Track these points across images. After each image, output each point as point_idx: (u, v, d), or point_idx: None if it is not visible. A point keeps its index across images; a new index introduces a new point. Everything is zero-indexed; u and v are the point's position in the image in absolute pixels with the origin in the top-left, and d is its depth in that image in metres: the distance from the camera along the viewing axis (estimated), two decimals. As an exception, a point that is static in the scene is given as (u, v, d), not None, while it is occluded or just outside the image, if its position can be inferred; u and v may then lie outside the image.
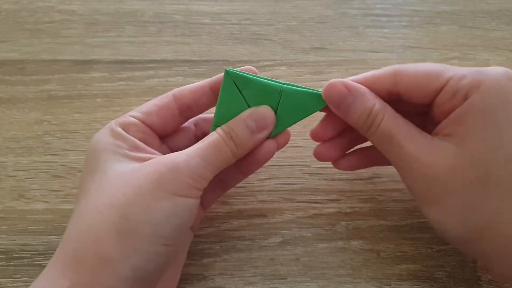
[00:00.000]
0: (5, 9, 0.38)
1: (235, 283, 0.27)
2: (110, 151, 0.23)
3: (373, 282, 0.27)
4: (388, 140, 0.23)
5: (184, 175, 0.21)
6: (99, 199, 0.21)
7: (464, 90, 0.21)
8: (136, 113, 0.25)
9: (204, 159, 0.22)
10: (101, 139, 0.23)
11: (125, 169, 0.22)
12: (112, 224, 0.20)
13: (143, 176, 0.21)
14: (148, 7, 0.38)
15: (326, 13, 0.38)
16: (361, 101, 0.23)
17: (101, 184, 0.22)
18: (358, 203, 0.30)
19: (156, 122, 0.25)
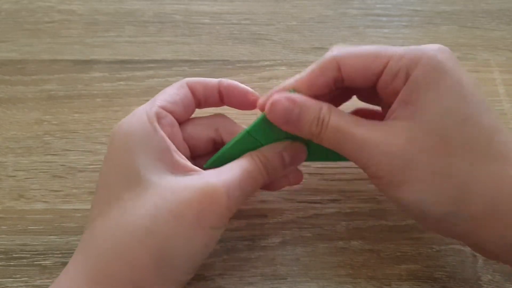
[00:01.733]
0: (5, 9, 0.38)
1: (235, 283, 0.27)
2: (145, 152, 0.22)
3: (373, 282, 0.27)
4: (340, 134, 0.22)
5: (224, 208, 0.21)
6: (137, 218, 0.20)
7: (404, 69, 0.22)
8: (164, 102, 0.24)
9: (242, 191, 0.22)
10: (135, 133, 0.22)
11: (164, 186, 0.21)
12: (151, 254, 0.20)
13: (185, 204, 0.21)
14: (148, 7, 0.38)
15: (326, 13, 0.38)
16: (308, 108, 0.23)
17: (138, 198, 0.21)
18: (358, 203, 0.30)
19: (181, 113, 0.25)
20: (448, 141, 0.21)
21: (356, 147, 0.22)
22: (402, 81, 0.22)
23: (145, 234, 0.20)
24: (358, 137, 0.22)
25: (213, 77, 0.26)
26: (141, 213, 0.21)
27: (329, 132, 0.23)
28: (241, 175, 0.22)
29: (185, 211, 0.21)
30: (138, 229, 0.20)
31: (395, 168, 0.21)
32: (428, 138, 0.21)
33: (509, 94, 0.34)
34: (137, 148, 0.22)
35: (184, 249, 0.21)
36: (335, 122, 0.22)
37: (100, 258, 0.21)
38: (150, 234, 0.20)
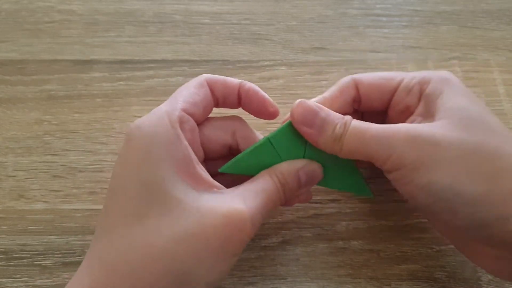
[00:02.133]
0: (5, 9, 0.38)
1: (235, 283, 0.27)
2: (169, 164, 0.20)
3: (373, 282, 0.27)
4: (362, 132, 0.22)
5: (247, 236, 0.21)
6: (162, 241, 0.19)
7: (418, 86, 0.25)
8: (185, 104, 0.22)
9: (264, 216, 0.22)
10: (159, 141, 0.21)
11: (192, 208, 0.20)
12: (169, 278, 0.19)
13: (211, 230, 0.20)
14: (148, 7, 0.38)
15: (326, 13, 0.38)
16: (333, 114, 0.23)
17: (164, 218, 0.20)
18: (358, 203, 0.30)
19: (201, 115, 0.24)
20: (471, 128, 0.22)
21: (379, 138, 0.22)
22: (416, 96, 0.25)
23: (166, 257, 0.19)
24: (381, 129, 0.22)
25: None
26: (165, 234, 0.20)
27: (351, 132, 0.23)
28: (265, 201, 0.22)
29: (210, 236, 0.20)
30: (161, 251, 0.19)
31: (421, 152, 0.21)
32: (452, 126, 0.22)
33: (509, 94, 0.34)
34: (159, 157, 0.20)
35: (205, 275, 0.20)
36: (357, 124, 0.23)
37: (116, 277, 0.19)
38: (172, 257, 0.19)
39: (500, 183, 0.20)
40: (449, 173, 0.21)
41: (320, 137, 0.23)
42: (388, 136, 0.22)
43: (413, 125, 0.22)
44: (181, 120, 0.22)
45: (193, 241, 0.20)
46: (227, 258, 0.21)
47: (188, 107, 0.22)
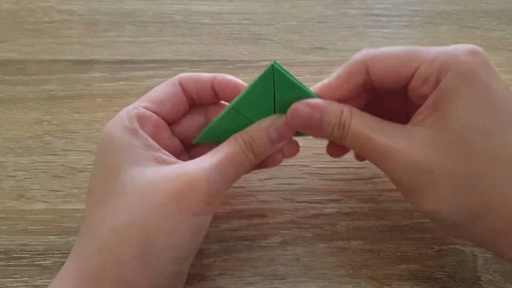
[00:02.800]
0: (5, 9, 0.38)
1: (235, 283, 0.27)
2: (125, 151, 0.22)
3: (373, 282, 0.27)
4: (361, 139, 0.22)
5: (204, 194, 0.21)
6: (119, 215, 0.21)
7: (435, 74, 0.21)
8: (148, 103, 0.24)
9: (223, 175, 0.22)
10: (116, 134, 0.22)
11: (143, 181, 0.21)
12: (133, 248, 0.20)
13: (164, 194, 0.21)
14: (148, 7, 0.38)
15: (326, 13, 0.38)
16: (329, 113, 0.23)
17: (119, 196, 0.21)
18: (358, 203, 0.30)
19: (169, 112, 0.25)
20: (471, 153, 0.21)
21: (379, 154, 0.22)
22: (432, 87, 0.22)
23: (127, 229, 0.20)
24: (380, 144, 0.22)
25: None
26: (122, 209, 0.21)
27: (350, 136, 0.22)
28: (222, 160, 0.22)
29: (164, 200, 0.21)
30: (121, 225, 0.20)
31: (415, 177, 0.21)
32: (451, 149, 0.21)
33: (509, 94, 0.34)
34: (118, 148, 0.22)
35: (168, 238, 0.20)
36: (356, 126, 0.22)
37: (89, 259, 0.21)
38: (133, 228, 0.20)
39: (484, 217, 0.21)
40: (437, 202, 0.21)
41: (321, 136, 0.24)
42: (388, 156, 0.22)
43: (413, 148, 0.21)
44: (142, 116, 0.23)
45: (148, 209, 0.20)
46: (187, 218, 0.21)
47: (150, 105, 0.24)
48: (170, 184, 0.21)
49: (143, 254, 0.20)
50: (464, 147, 0.21)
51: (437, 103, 0.21)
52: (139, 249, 0.20)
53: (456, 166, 0.21)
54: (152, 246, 0.20)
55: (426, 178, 0.21)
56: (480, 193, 0.20)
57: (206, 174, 0.21)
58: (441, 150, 0.21)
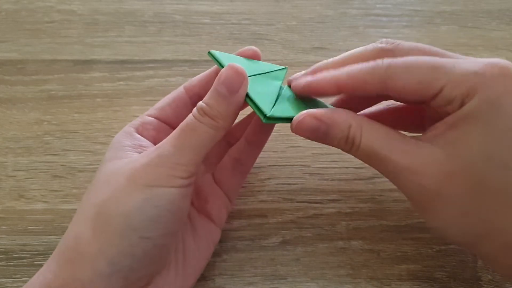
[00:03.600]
0: (5, 9, 0.38)
1: (235, 283, 0.27)
2: (112, 151, 0.24)
3: (373, 282, 0.27)
4: (373, 156, 0.22)
5: (158, 167, 0.21)
6: (87, 199, 0.22)
7: (460, 98, 0.20)
8: (151, 110, 0.26)
9: (178, 145, 0.22)
10: (114, 140, 0.24)
11: (113, 167, 0.23)
12: (88, 220, 0.21)
13: (121, 174, 0.22)
14: (148, 7, 0.38)
15: (326, 13, 0.38)
16: (336, 126, 0.22)
17: (93, 185, 0.23)
18: (358, 203, 0.30)
19: (170, 115, 0.26)
20: (484, 184, 0.20)
21: (390, 170, 0.22)
22: (455, 108, 0.21)
23: (87, 207, 0.22)
24: (392, 162, 0.21)
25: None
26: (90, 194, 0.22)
27: (361, 153, 0.22)
28: (175, 132, 0.22)
29: (120, 178, 0.22)
30: (84, 205, 0.22)
31: (426, 197, 0.22)
32: (464, 177, 0.21)
33: (509, 94, 0.34)
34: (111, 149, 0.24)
35: (118, 208, 0.21)
36: (368, 145, 0.22)
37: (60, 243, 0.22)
38: (91, 205, 0.22)
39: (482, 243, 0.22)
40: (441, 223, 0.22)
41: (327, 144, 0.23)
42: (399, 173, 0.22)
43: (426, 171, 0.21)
44: (143, 122, 0.25)
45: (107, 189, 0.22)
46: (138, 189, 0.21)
47: (152, 111, 0.26)
48: (129, 165, 0.22)
49: (95, 224, 0.21)
50: (476, 178, 0.20)
51: (457, 123, 0.21)
52: (93, 222, 0.21)
53: (464, 194, 0.21)
54: (103, 216, 0.21)
55: (435, 203, 0.22)
56: (485, 224, 0.21)
57: (157, 149, 0.22)
58: (454, 178, 0.21)
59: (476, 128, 0.20)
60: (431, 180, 0.21)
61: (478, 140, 0.20)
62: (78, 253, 0.21)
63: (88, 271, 0.20)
